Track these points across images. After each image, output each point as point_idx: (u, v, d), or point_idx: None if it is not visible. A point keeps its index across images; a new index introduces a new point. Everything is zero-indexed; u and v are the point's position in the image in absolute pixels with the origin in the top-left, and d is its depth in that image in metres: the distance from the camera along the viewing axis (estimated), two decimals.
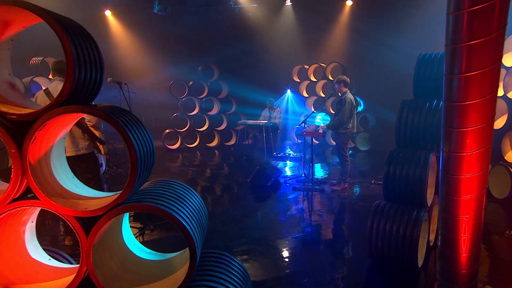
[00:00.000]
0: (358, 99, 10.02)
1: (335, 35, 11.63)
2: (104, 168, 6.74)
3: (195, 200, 2.43)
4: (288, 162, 8.88)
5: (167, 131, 10.68)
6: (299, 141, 7.26)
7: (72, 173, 2.23)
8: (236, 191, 6.52)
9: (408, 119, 3.74)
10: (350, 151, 10.25)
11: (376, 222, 3.52)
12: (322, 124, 6.56)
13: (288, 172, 7.84)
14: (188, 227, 2.03)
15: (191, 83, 10.80)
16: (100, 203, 1.98)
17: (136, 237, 4.32)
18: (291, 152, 9.59)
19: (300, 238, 4.34)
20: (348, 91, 6.18)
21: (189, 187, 2.55)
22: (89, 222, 2.04)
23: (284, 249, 4.03)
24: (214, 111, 11.33)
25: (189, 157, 9.92)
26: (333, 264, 3.76)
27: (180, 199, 2.23)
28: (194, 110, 11.06)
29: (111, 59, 11.80)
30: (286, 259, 3.81)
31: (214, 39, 12.08)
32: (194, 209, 2.28)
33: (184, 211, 2.13)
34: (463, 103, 1.81)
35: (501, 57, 1.74)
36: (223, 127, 11.46)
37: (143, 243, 4.23)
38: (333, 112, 9.90)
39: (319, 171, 7.91)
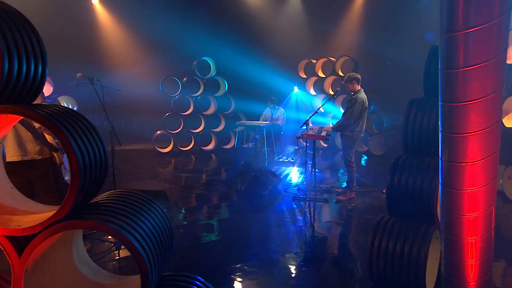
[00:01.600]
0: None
1: (346, 26, 11.48)
2: None
3: (156, 216, 2.30)
4: (291, 168, 8.74)
5: (158, 132, 10.64)
6: (306, 144, 7.11)
7: (10, 183, 2.12)
8: (228, 201, 6.40)
9: (417, 121, 3.58)
10: (365, 157, 10.07)
11: (378, 239, 3.36)
12: (327, 126, 6.40)
13: (289, 179, 7.70)
14: (140, 248, 1.91)
15: (185, 79, 10.73)
16: (36, 220, 1.87)
17: (111, 252, 4.22)
18: (295, 157, 9.44)
19: (296, 256, 4.19)
20: (362, 90, 6.02)
21: (152, 200, 2.43)
22: (26, 242, 1.93)
23: (277, 269, 3.89)
24: (210, 111, 11.24)
25: (182, 161, 9.84)
26: (331, 286, 3.61)
27: (135, 215, 2.11)
28: (188, 110, 10.99)
29: (98, 52, 11.78)
30: (279, 281, 3.67)
31: (211, 30, 11.97)
32: (153, 227, 2.16)
33: (138, 229, 2.01)
34: (462, 104, 1.67)
35: (506, 47, 1.59)
36: (220, 128, 11.36)
37: (118, 260, 4.13)
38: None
39: (324, 179, 7.76)
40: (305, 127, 6.45)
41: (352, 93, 6.03)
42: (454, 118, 1.73)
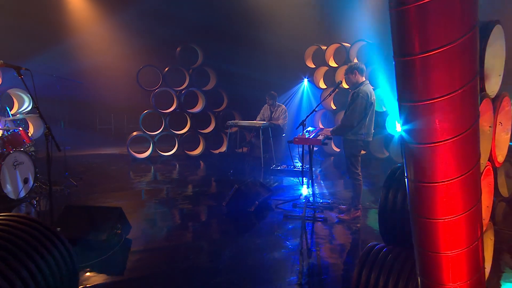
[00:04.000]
0: (380, 95, 9.60)
1: (363, 4, 11.23)
2: (31, 185, 6.57)
3: (51, 253, 2.11)
4: (290, 178, 8.53)
5: (134, 133, 10.55)
6: (303, 149, 6.91)
7: None
8: (204, 219, 6.24)
9: None
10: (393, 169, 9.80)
11: (366, 273, 3.19)
12: (326, 128, 6.21)
13: (284, 192, 7.51)
14: None
15: (166, 69, 10.63)
16: None
17: None
18: (297, 164, 9.22)
19: None
20: (367, 82, 5.86)
21: (50, 230, 2.24)
22: None
23: None
24: (198, 108, 11.12)
25: (162, 169, 9.72)
26: None
27: (9, 250, 1.93)
28: (171, 107, 10.88)
29: (62, 35, 11.68)
30: None
31: (198, 11, 11.83)
32: (37, 269, 1.96)
33: (8, 274, 1.83)
34: (423, 103, 1.45)
35: (476, 24, 1.36)
36: (210, 129, 11.25)
37: None
38: None
39: (333, 192, 7.55)
40: (309, 129, 6.28)
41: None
42: (416, 123, 1.52)
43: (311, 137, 5.95)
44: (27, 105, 9.33)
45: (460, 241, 1.71)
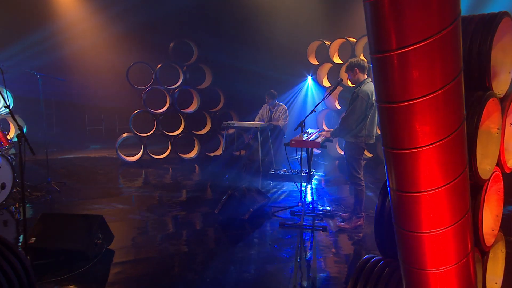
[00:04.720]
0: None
1: None
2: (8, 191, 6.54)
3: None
4: (290, 183, 8.48)
5: (124, 135, 10.53)
6: (301, 152, 6.87)
7: None
8: (195, 228, 6.18)
9: None
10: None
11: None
12: (326, 129, 6.15)
13: (283, 198, 7.47)
14: None
15: (159, 66, 10.60)
16: None
17: None
18: (297, 169, 9.17)
19: None
20: (369, 80, 5.79)
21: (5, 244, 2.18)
22: None
23: None
24: (192, 108, 11.10)
25: (153, 173, 9.68)
26: None
27: None
28: (164, 106, 10.86)
29: (52, 31, 11.71)
30: None
31: (193, 3, 11.80)
32: None
33: None
34: (401, 105, 1.39)
35: (458, 15, 1.30)
36: (205, 130, 11.23)
37: None
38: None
39: (337, 199, 7.49)
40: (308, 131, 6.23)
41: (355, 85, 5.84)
42: (394, 126, 1.46)
43: (310, 139, 5.88)
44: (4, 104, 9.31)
45: (449, 256, 1.65)
